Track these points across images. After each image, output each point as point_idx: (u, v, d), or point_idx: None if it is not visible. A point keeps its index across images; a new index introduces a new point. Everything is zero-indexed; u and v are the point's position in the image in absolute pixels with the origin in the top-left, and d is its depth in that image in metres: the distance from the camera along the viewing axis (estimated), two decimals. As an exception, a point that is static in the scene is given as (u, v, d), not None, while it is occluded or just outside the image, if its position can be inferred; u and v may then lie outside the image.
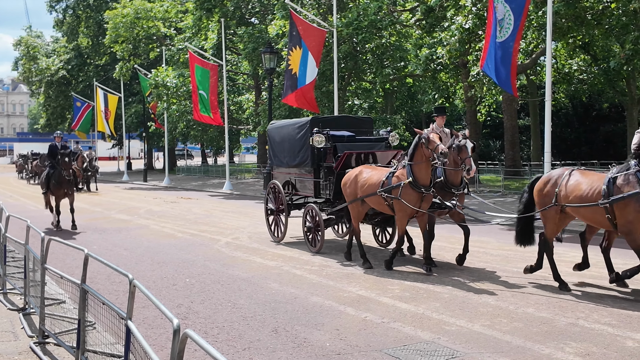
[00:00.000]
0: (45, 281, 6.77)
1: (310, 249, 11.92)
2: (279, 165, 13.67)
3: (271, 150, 14.03)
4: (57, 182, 15.76)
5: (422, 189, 9.54)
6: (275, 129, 14.11)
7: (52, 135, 15.77)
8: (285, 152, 13.19)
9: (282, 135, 13.39)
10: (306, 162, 12.27)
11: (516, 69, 16.19)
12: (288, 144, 13.01)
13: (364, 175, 10.52)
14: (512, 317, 7.28)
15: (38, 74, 59.56)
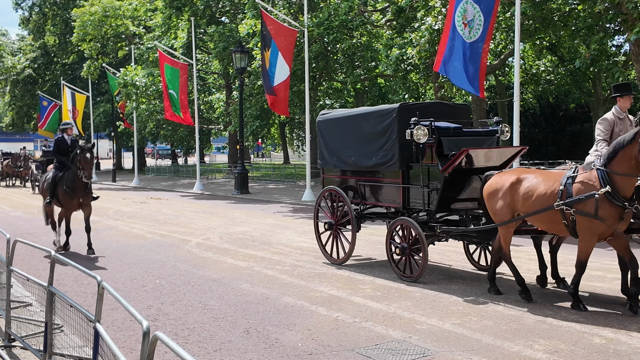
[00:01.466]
0: (11, 284, 6.64)
1: (400, 275, 9.29)
2: (336, 167, 10.98)
3: (324, 148, 11.19)
4: (71, 188, 11.83)
5: (625, 202, 7.12)
6: (331, 120, 11.20)
7: (61, 127, 12.92)
8: (350, 150, 10.46)
9: (346, 128, 10.67)
10: (390, 163, 9.58)
11: (485, 70, 16.35)
12: (357, 139, 10.36)
13: (527, 184, 7.87)
14: (482, 315, 7.36)
15: (3, 72, 58.42)
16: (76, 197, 11.95)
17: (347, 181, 10.77)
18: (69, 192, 11.88)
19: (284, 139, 62.33)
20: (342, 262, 10.51)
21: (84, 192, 11.94)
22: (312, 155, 27.29)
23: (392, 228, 9.52)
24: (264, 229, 15.33)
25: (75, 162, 11.82)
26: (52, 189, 12.23)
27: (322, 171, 11.51)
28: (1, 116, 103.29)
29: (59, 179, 12.15)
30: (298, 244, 12.94)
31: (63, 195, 12.00)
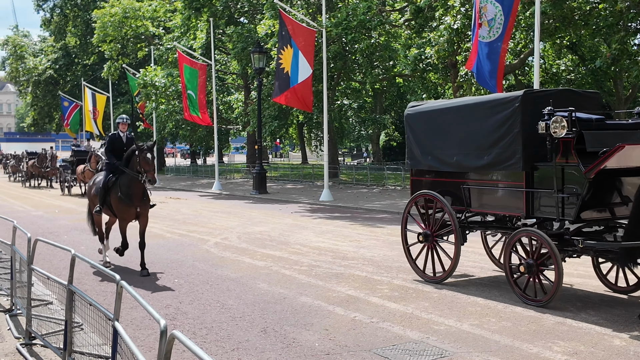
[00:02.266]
0: (32, 282, 6.72)
1: (524, 298, 7.83)
2: (432, 167, 9.42)
3: (415, 146, 9.71)
4: (127, 195, 10.12)
5: None
6: (425, 113, 9.66)
7: (118, 121, 10.97)
8: (453, 148, 8.95)
9: (446, 122, 9.17)
10: (510, 162, 8.04)
11: (503, 69, 16.24)
12: (462, 134, 8.83)
13: None
14: (501, 316, 7.31)
15: (25, 73, 59.20)
16: (133, 205, 10.16)
17: (446, 184, 9.19)
18: (124, 200, 10.11)
19: (302, 139, 62.39)
20: (440, 279, 8.97)
21: (142, 199, 10.21)
22: (330, 155, 27.30)
23: (512, 241, 7.92)
24: (282, 229, 15.36)
25: (133, 164, 10.03)
26: (104, 196, 10.52)
27: (412, 173, 9.95)
28: (23, 116, 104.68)
29: (112, 184, 10.41)
30: (316, 244, 12.95)
31: (118, 204, 10.21)
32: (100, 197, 10.60)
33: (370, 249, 12.10)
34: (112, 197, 10.36)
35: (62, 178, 30.67)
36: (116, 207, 10.34)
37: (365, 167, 41.26)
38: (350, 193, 26.64)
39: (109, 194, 10.45)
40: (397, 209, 19.48)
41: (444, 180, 9.25)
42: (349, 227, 15.79)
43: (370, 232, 14.61)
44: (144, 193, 10.24)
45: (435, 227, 9.14)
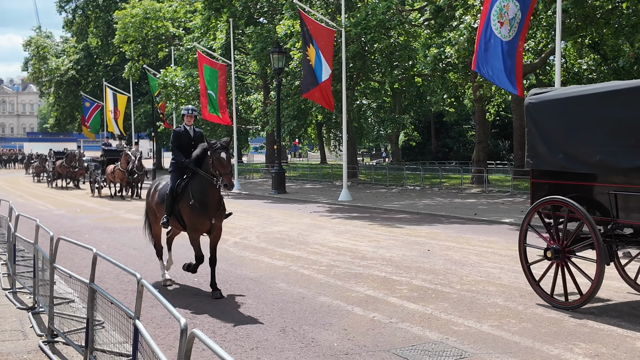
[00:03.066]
0: (54, 280, 6.80)
1: None
2: (565, 167, 7.77)
3: (539, 142, 8.10)
4: (202, 203, 8.52)
5: None
6: (554, 102, 8.02)
7: (183, 112, 9.34)
8: (594, 144, 7.33)
9: (583, 112, 7.55)
10: None
11: (522, 68, 16.12)
12: (606, 127, 7.26)
13: None
14: (521, 317, 7.25)
15: (48, 74, 59.93)
16: (208, 215, 8.57)
17: (583, 189, 7.61)
18: (199, 209, 8.50)
19: (321, 139, 62.44)
20: (575, 306, 7.38)
21: (218, 208, 8.66)
22: (348, 155, 27.27)
23: None
24: (301, 229, 15.39)
25: (206, 166, 8.49)
26: (171, 204, 8.85)
27: (532, 174, 8.33)
28: (46, 117, 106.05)
29: (181, 190, 8.76)
30: (334, 244, 12.95)
31: (191, 213, 8.57)
32: (168, 205, 8.84)
33: (389, 249, 12.07)
34: (183, 206, 8.65)
35: (92, 178, 29.45)
36: (188, 217, 8.62)
37: (384, 167, 41.16)
38: (369, 193, 26.60)
39: (178, 201, 8.73)
40: (416, 209, 19.42)
41: (582, 184, 7.62)
42: (367, 227, 15.78)
43: (389, 232, 14.57)
44: (220, 201, 8.67)
45: (567, 241, 7.57)
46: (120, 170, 25.41)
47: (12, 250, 9.03)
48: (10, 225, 9.33)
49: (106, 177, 27.39)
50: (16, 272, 8.89)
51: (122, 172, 25.56)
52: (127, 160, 25.25)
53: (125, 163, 25.19)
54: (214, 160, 8.35)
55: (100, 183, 28.45)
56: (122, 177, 25.79)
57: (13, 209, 9.85)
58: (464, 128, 50.93)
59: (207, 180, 8.45)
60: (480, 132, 29.55)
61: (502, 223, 15.94)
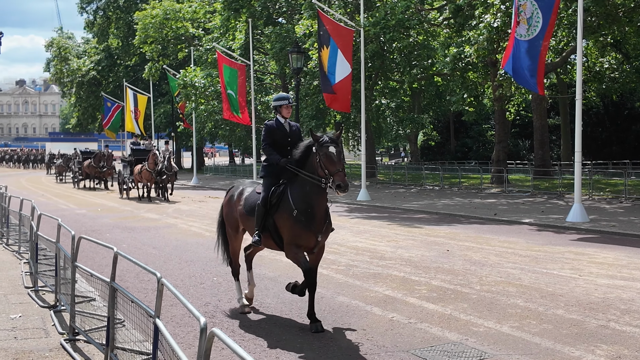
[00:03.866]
0: (76, 279, 6.86)
1: None
2: None
3: None
4: (307, 215, 6.88)
5: None
6: None
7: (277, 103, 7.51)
8: None
9: None
10: None
11: (544, 68, 15.98)
12: None
13: None
14: (542, 318, 7.19)
15: (69, 74, 60.56)
16: (314, 230, 6.86)
17: None
18: (302, 222, 6.81)
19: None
20: None
21: (324, 220, 6.97)
22: (367, 155, 27.22)
23: None
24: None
25: (310, 165, 6.84)
26: (264, 216, 7.13)
27: None
28: (67, 117, 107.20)
29: (277, 198, 7.07)
30: (353, 243, 12.94)
31: (292, 227, 6.87)
32: (260, 218, 7.13)
33: (408, 249, 12.03)
34: (282, 218, 6.96)
35: (121, 179, 27.99)
36: (290, 232, 6.89)
37: (403, 167, 41.05)
38: (387, 193, 26.53)
39: (273, 213, 7.04)
40: (435, 209, 19.33)
41: None
42: (386, 227, 15.74)
43: (408, 232, 14.53)
44: (327, 212, 7.04)
45: None
46: (148, 170, 24.20)
47: (34, 249, 9.13)
48: (33, 225, 9.44)
49: (133, 177, 26.23)
50: (38, 271, 8.99)
51: (149, 173, 24.29)
52: (155, 160, 24.06)
53: (152, 163, 24.01)
54: (320, 157, 6.72)
55: (129, 184, 27.19)
56: (150, 178, 24.55)
57: (35, 208, 9.96)
58: (483, 127, 50.61)
59: (312, 184, 6.79)
60: (500, 132, 29.35)
61: (522, 223, 15.82)
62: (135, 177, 25.86)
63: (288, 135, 7.45)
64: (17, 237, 12.66)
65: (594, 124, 40.68)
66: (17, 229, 12.80)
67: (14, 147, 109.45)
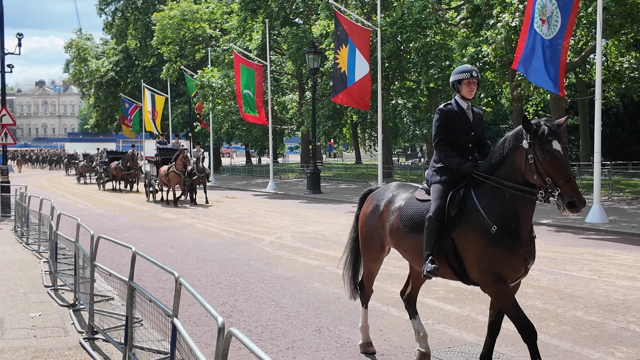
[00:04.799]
0: (95, 278, 6.92)
1: None
2: None
3: None
4: (512, 232, 4.98)
5: None
6: None
7: (457, 77, 5.39)
8: None
9: None
10: None
11: (565, 67, 15.85)
12: None
13: None
14: (560, 320, 7.13)
15: (88, 75, 61.09)
16: (522, 253, 5.04)
17: None
18: (504, 243, 4.98)
19: (356, 139, 62.32)
20: None
21: (531, 240, 5.13)
22: (384, 155, 27.15)
23: None
24: (336, 229, 15.38)
25: (514, 166, 5.02)
26: (439, 234, 5.29)
27: None
28: (86, 117, 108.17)
29: (457, 207, 5.26)
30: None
31: (487, 250, 5.04)
32: (432, 236, 5.24)
33: (425, 250, 11.97)
34: (468, 237, 5.12)
35: (147, 181, 26.39)
36: (486, 257, 5.04)
37: (420, 167, 40.89)
38: (404, 193, 26.45)
39: (453, 229, 5.21)
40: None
41: None
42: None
43: (425, 233, 14.46)
44: (532, 229, 5.14)
45: None
46: (176, 172, 22.55)
47: (54, 248, 9.22)
48: (52, 224, 9.53)
49: (159, 179, 24.37)
50: (58, 270, 9.08)
51: (178, 175, 22.67)
52: (185, 162, 22.50)
53: (181, 165, 22.38)
54: (538, 157, 4.79)
55: (155, 186, 25.41)
56: (178, 180, 22.87)
57: (55, 208, 10.06)
58: (501, 128, 50.28)
59: (518, 195, 4.97)
60: (518, 132, 29.06)
61: (540, 224, 15.69)
62: (161, 179, 24.01)
63: (471, 127, 5.47)
64: (37, 237, 12.80)
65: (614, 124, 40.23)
66: (37, 228, 12.94)
67: (34, 147, 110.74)
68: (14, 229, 15.70)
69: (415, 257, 5.59)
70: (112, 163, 32.73)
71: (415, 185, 5.99)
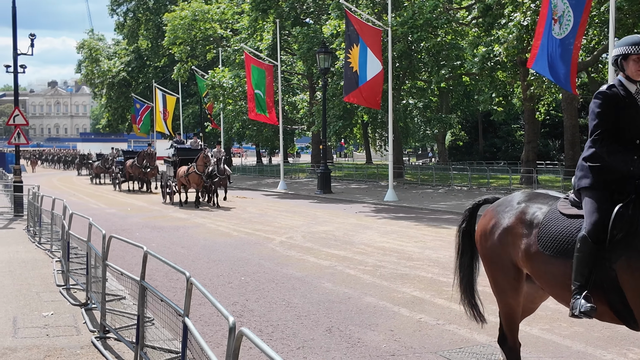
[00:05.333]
0: (106, 277, 6.95)
1: None
2: None
3: None
4: None
5: None
6: None
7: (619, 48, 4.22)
8: None
9: None
10: None
11: (577, 67, 15.75)
12: None
13: None
14: (573, 321, 7.08)
15: (100, 76, 61.47)
16: None
17: None
18: None
19: (367, 139, 62.25)
20: None
21: None
22: (394, 155, 27.11)
23: None
24: (346, 229, 15.38)
25: None
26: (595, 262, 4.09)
27: None
28: (98, 117, 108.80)
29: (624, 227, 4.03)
30: (380, 244, 12.90)
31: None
32: (586, 265, 4.11)
33: (436, 250, 11.95)
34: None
35: (164, 182, 25.05)
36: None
37: (431, 167, 40.80)
38: (415, 193, 26.40)
39: (617, 257, 4.03)
40: (463, 210, 19.16)
41: None
42: (413, 227, 15.66)
43: (436, 233, 14.44)
44: None
45: None
46: (197, 173, 21.45)
47: (66, 248, 9.27)
48: (65, 223, 9.59)
49: (177, 180, 22.92)
50: (70, 269, 9.13)
51: (199, 176, 21.55)
52: (206, 162, 21.42)
53: (202, 165, 21.32)
54: None
55: (173, 187, 23.93)
56: (199, 181, 21.74)
57: (67, 208, 10.12)
58: (512, 127, 50.07)
59: None
60: (529, 132, 29.00)
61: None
62: (179, 180, 22.58)
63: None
64: (49, 236, 12.89)
65: (626, 123, 40.02)
66: (49, 227, 13.02)
67: (46, 147, 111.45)
68: (26, 228, 15.81)
69: (560, 289, 4.34)
70: (128, 161, 31.65)
71: (554, 195, 4.79)
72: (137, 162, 30.25)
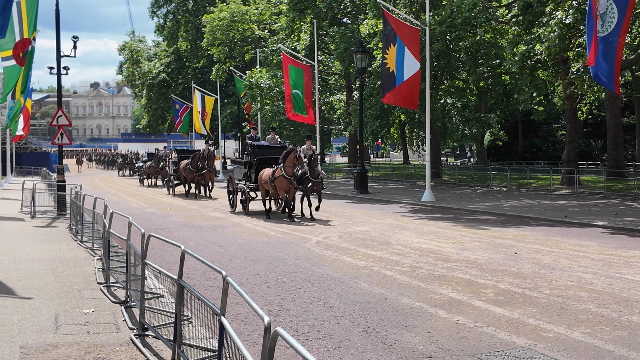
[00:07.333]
0: (145, 276, 7.04)
1: None
2: None
3: None
4: None
5: None
6: None
7: None
8: None
9: None
10: None
11: (620, 65, 15.38)
12: None
13: None
14: (615, 325, 6.91)
15: (141, 77, 62.47)
16: None
17: None
18: None
19: (404, 139, 61.89)
20: None
21: None
22: (432, 155, 26.87)
23: None
24: (383, 229, 15.30)
25: None
26: None
27: None
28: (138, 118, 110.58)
29: None
30: (417, 245, 12.80)
31: None
32: None
33: (474, 251, 11.81)
34: None
35: (232, 187, 20.78)
36: None
37: (469, 167, 40.34)
38: (453, 194, 26.13)
39: None
40: (502, 211, 18.91)
41: None
42: (451, 228, 15.50)
43: (474, 234, 14.26)
44: None
45: None
46: (286, 177, 17.37)
47: (106, 246, 9.43)
48: (105, 222, 9.75)
49: (260, 186, 18.78)
50: (110, 267, 9.28)
51: (288, 181, 17.46)
52: (296, 164, 17.33)
53: (292, 168, 17.32)
54: None
55: (247, 194, 19.76)
56: (288, 187, 17.73)
57: (108, 207, 10.29)
58: (553, 127, 49.17)
59: None
60: (571, 131, 28.45)
61: (594, 226, 15.28)
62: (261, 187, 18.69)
63: None
64: (90, 234, 13.13)
65: (672, 123, 38.86)
66: (90, 226, 13.27)
67: (88, 147, 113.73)
68: (69, 226, 16.15)
69: None
70: (182, 162, 27.91)
71: None
72: (191, 165, 26.57)
